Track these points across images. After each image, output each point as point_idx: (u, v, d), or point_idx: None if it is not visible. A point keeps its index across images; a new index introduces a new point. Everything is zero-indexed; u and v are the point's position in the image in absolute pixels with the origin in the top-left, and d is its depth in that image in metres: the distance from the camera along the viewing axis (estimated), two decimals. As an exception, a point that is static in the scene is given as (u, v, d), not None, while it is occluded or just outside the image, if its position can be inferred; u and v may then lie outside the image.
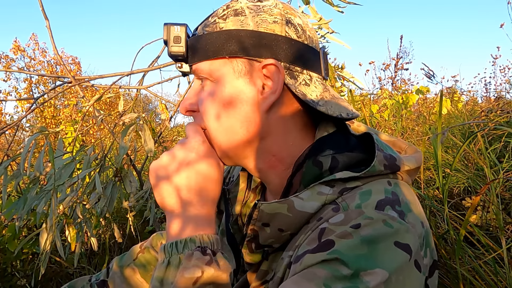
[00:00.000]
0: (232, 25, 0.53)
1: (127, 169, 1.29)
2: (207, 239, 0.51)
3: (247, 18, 0.53)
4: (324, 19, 1.31)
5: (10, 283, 1.49)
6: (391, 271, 0.40)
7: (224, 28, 0.53)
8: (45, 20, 1.28)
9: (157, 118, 6.38)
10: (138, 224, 1.90)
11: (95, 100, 1.30)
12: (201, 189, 0.53)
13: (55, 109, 6.67)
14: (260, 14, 0.53)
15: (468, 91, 4.19)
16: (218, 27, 0.53)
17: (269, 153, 0.56)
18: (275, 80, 0.52)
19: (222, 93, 0.54)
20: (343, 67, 1.52)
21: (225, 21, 0.53)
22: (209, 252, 0.49)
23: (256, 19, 0.53)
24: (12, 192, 1.61)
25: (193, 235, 0.50)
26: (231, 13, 0.54)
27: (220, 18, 0.54)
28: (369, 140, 0.54)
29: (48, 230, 1.09)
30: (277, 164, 0.56)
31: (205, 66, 0.54)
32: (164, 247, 0.51)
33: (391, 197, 0.47)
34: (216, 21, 0.54)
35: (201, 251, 0.49)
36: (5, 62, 8.15)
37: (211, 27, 0.54)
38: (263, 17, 0.53)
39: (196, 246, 0.49)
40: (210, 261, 0.48)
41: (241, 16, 0.53)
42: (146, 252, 0.76)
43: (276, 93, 0.52)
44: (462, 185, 1.48)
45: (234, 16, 0.53)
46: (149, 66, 1.43)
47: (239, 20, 0.53)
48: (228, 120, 0.54)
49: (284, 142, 0.56)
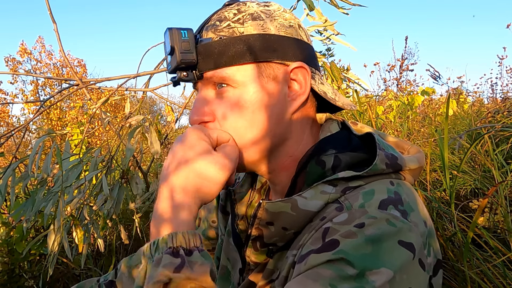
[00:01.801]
0: (253, 30, 0.52)
1: (134, 171, 1.29)
2: (181, 237, 0.45)
3: (266, 22, 0.53)
4: (329, 21, 1.31)
5: (18, 284, 1.50)
6: (395, 270, 0.41)
7: (245, 32, 0.52)
8: (52, 23, 1.29)
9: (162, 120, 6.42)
10: (145, 226, 1.91)
11: (101, 102, 1.31)
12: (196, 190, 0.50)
13: (61, 111, 6.72)
14: (276, 18, 0.54)
15: (474, 92, 4.16)
16: (237, 31, 0.52)
17: (287, 154, 0.57)
18: (303, 81, 0.54)
19: (250, 98, 0.52)
20: (349, 68, 1.52)
21: (243, 26, 0.52)
22: (182, 253, 0.44)
23: (275, 24, 0.53)
24: (20, 193, 1.63)
25: (165, 235, 0.45)
26: (248, 17, 0.53)
27: (235, 23, 0.52)
28: (371, 140, 0.55)
29: (56, 232, 1.10)
30: (292, 164, 0.57)
31: (228, 72, 0.52)
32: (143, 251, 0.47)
33: (393, 197, 0.47)
34: (232, 25, 0.52)
35: (171, 253, 0.43)
36: (12, 65, 8.23)
37: (227, 32, 0.52)
38: (280, 21, 0.54)
39: (168, 247, 0.44)
40: (180, 266, 0.42)
41: (259, 20, 0.53)
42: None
43: (305, 94, 0.55)
44: (469, 187, 1.47)
45: (253, 21, 0.53)
46: (155, 68, 1.44)
47: (259, 24, 0.53)
48: (258, 126, 0.53)
49: (300, 142, 0.57)
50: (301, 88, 0.54)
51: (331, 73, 1.38)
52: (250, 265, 0.59)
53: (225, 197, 0.72)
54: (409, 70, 4.76)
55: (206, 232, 0.77)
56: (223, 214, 0.73)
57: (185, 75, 0.53)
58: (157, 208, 0.49)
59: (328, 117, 0.61)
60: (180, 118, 1.53)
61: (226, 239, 0.69)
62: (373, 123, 1.37)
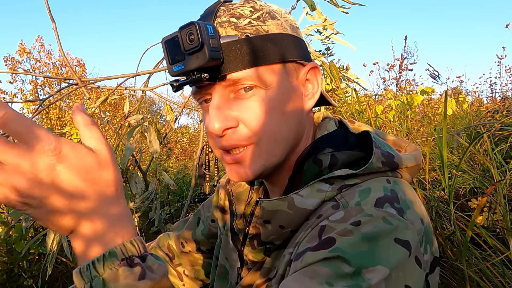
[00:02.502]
0: (275, 29, 0.52)
1: (133, 170, 1.29)
2: (130, 245, 0.39)
3: (282, 22, 0.53)
4: (329, 20, 1.31)
5: (17, 283, 1.50)
6: (391, 267, 0.41)
7: (270, 31, 0.51)
8: (51, 22, 1.29)
9: (162, 119, 6.41)
10: (143, 225, 1.91)
11: (101, 101, 1.31)
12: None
13: (60, 111, 6.72)
14: (286, 19, 0.55)
15: (473, 91, 4.17)
16: (262, 30, 0.50)
17: (297, 153, 0.57)
18: (317, 81, 0.56)
19: (281, 99, 0.52)
20: (348, 68, 1.52)
21: (265, 24, 0.51)
22: (137, 262, 0.39)
23: (287, 24, 0.54)
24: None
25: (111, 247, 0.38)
26: (267, 16, 0.52)
27: (256, 20, 0.51)
28: (368, 138, 0.55)
29: (55, 231, 1.10)
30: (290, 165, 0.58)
31: (257, 73, 0.49)
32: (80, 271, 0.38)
33: (390, 195, 0.47)
34: (253, 22, 0.50)
35: (127, 264, 0.38)
36: (11, 64, 8.23)
37: (251, 29, 0.50)
38: (289, 23, 0.55)
39: (120, 260, 0.38)
40: (142, 274, 0.38)
41: (277, 20, 0.53)
42: (153, 252, 0.76)
43: (318, 93, 0.56)
44: (468, 186, 1.47)
45: (272, 20, 0.52)
46: (154, 68, 1.44)
47: (278, 24, 0.53)
48: (288, 126, 0.53)
49: (306, 141, 0.58)
50: (314, 88, 0.56)
51: (329, 72, 1.38)
52: (248, 264, 0.59)
53: (224, 197, 0.72)
54: (409, 69, 4.77)
55: (205, 232, 0.77)
56: (222, 213, 0.73)
57: (206, 76, 0.48)
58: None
59: (325, 115, 0.61)
60: (179, 117, 1.53)
61: (225, 238, 0.69)
62: (372, 123, 1.37)
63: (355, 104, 1.78)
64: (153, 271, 0.39)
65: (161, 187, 2.70)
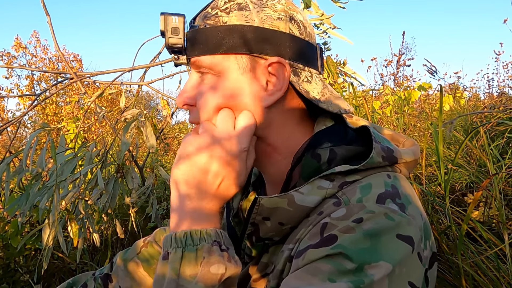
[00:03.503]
0: (236, 20, 0.52)
1: (129, 165, 1.29)
2: (220, 234, 0.49)
3: (251, 13, 0.52)
4: (326, 15, 1.31)
5: (13, 279, 1.49)
6: (394, 263, 0.41)
7: (228, 22, 0.52)
8: (46, 16, 1.28)
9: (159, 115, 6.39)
10: (140, 220, 1.91)
11: (96, 96, 1.30)
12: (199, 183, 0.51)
13: (57, 106, 6.68)
14: (264, 9, 0.53)
15: (470, 87, 4.18)
16: (221, 21, 0.52)
17: (264, 141, 0.57)
18: (281, 77, 0.53)
19: (224, 87, 0.53)
20: (345, 63, 1.51)
21: (228, 15, 0.52)
22: (224, 248, 0.47)
23: (261, 15, 0.52)
24: (14, 188, 1.62)
25: (209, 228, 0.48)
26: (235, 7, 0.52)
27: (222, 12, 0.53)
28: (367, 133, 0.54)
29: (51, 226, 1.10)
30: (272, 153, 0.57)
31: (207, 60, 0.53)
32: (175, 235, 0.47)
33: (391, 190, 0.47)
34: (218, 14, 0.53)
35: (218, 245, 0.47)
36: (7, 59, 8.16)
37: (213, 20, 0.53)
38: (267, 13, 0.52)
39: (213, 240, 0.47)
40: (229, 258, 0.47)
41: (245, 11, 0.52)
42: (150, 246, 0.76)
43: (281, 90, 0.53)
44: (464, 181, 1.48)
45: (238, 11, 0.52)
46: (150, 62, 1.43)
47: (244, 15, 0.52)
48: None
49: (280, 133, 0.56)
50: (279, 83, 0.53)
51: (327, 67, 1.38)
52: (245, 258, 0.59)
53: None
54: (406, 65, 4.77)
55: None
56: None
57: (176, 58, 0.56)
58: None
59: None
60: (177, 113, 1.53)
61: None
62: (369, 118, 1.37)
63: (352, 99, 1.78)
64: (236, 261, 0.47)
65: (158, 182, 2.70)
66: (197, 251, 0.46)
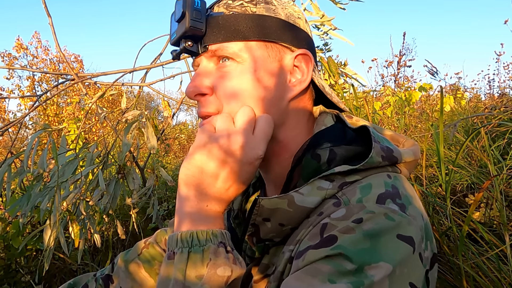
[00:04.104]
0: (265, 11, 0.53)
1: (130, 166, 1.29)
2: (225, 235, 0.48)
3: (277, 8, 0.54)
4: (326, 16, 1.31)
5: (14, 279, 1.50)
6: (394, 264, 0.41)
7: (258, 12, 0.53)
8: (48, 17, 1.28)
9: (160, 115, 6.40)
10: (141, 221, 1.91)
11: (98, 97, 1.30)
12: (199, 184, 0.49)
13: (57, 107, 6.69)
14: (286, 7, 0.55)
15: (471, 88, 4.17)
16: (249, 10, 0.52)
17: (276, 139, 0.56)
18: (306, 70, 0.55)
19: (253, 76, 0.52)
20: (346, 63, 1.51)
21: (256, 6, 0.53)
22: (229, 250, 0.47)
23: (285, 12, 0.54)
24: (16, 189, 1.62)
25: (215, 229, 0.47)
26: (261, 0, 0.54)
27: (249, 3, 0.53)
28: (366, 133, 0.54)
29: (52, 227, 1.10)
30: (282, 151, 0.57)
31: (235, 47, 0.52)
32: (181, 235, 0.46)
33: (391, 190, 0.47)
34: (244, 4, 0.53)
35: (224, 247, 0.47)
36: (8, 60, 8.18)
37: (240, 9, 0.52)
38: (290, 11, 0.55)
39: (219, 241, 0.47)
40: (235, 260, 0.47)
41: (271, 5, 0.54)
42: (151, 247, 0.76)
43: (306, 82, 0.55)
44: (465, 182, 1.47)
45: (265, 4, 0.53)
46: (151, 63, 1.43)
47: (271, 8, 0.53)
48: (255, 103, 0.53)
49: (292, 131, 0.57)
50: (303, 76, 0.55)
51: (328, 68, 1.38)
52: (246, 259, 0.59)
53: None
54: (407, 66, 4.77)
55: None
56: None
57: (190, 44, 0.52)
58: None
59: (322, 110, 0.61)
60: (177, 113, 1.53)
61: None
62: (369, 118, 1.37)
63: (353, 100, 1.78)
64: (240, 262, 0.47)
65: (159, 183, 2.70)
66: (203, 252, 0.45)
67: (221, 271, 0.45)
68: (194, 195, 0.49)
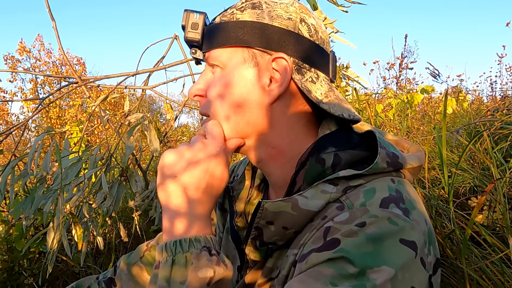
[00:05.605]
0: (248, 17, 0.54)
1: (133, 168, 1.29)
2: (210, 239, 0.50)
3: (263, 12, 0.55)
4: (329, 19, 1.31)
5: (17, 282, 1.50)
6: (397, 268, 0.41)
7: (241, 19, 0.55)
8: (51, 21, 1.29)
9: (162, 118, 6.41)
10: (144, 224, 1.91)
11: (101, 100, 1.31)
12: (208, 187, 0.53)
13: (60, 110, 6.71)
14: (276, 9, 0.55)
15: (473, 90, 4.16)
16: (235, 18, 0.55)
17: (269, 145, 0.57)
18: (283, 73, 0.54)
19: (230, 80, 0.55)
20: (348, 66, 1.52)
21: (242, 13, 0.55)
22: (214, 253, 0.49)
23: (272, 14, 0.54)
24: (19, 191, 1.63)
25: (198, 235, 0.50)
26: (249, 5, 0.55)
27: (238, 10, 0.56)
28: (372, 138, 0.54)
29: (55, 229, 1.10)
30: (278, 156, 0.57)
31: (217, 54, 0.56)
32: (166, 245, 0.49)
33: (395, 195, 0.47)
34: (234, 12, 0.56)
35: (207, 251, 0.48)
36: (11, 63, 8.22)
37: (228, 17, 0.56)
38: (278, 12, 0.55)
39: (202, 246, 0.49)
40: (218, 261, 0.48)
41: (258, 9, 0.55)
42: (153, 250, 0.77)
43: (282, 86, 0.54)
44: (468, 185, 1.47)
45: (252, 9, 0.55)
46: (154, 66, 1.44)
47: (256, 13, 0.54)
48: (232, 107, 0.55)
49: (286, 136, 0.56)
50: (280, 79, 0.54)
51: (330, 71, 1.38)
52: (249, 263, 0.59)
53: (223, 194, 0.72)
54: (409, 68, 4.76)
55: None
56: (221, 211, 0.73)
57: (193, 52, 0.59)
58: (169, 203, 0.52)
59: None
60: (179, 116, 1.53)
61: (225, 236, 0.69)
62: (372, 121, 1.37)
63: (355, 103, 1.78)
64: (226, 265, 0.49)
65: (161, 185, 2.69)
66: (186, 257, 0.48)
67: (202, 272, 0.46)
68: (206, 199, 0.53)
